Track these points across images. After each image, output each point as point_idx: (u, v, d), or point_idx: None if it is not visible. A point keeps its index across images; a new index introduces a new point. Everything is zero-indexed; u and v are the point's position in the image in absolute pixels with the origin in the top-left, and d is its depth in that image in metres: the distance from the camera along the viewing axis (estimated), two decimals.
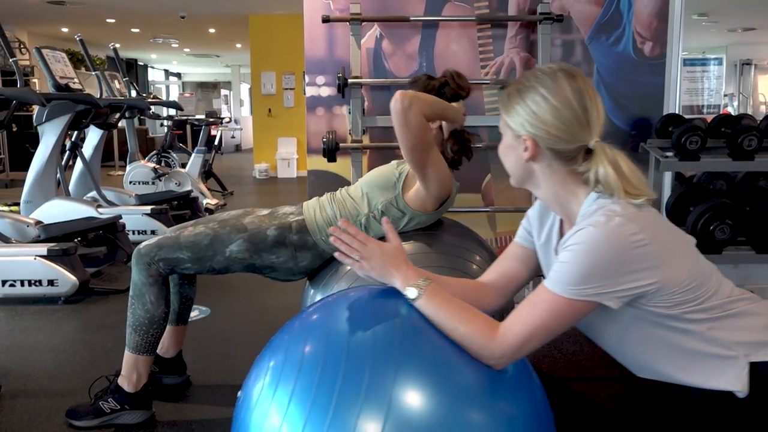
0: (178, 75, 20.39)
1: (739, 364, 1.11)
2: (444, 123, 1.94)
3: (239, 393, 1.22)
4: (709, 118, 3.74)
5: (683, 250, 1.13)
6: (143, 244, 1.96)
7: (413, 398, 1.02)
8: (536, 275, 1.36)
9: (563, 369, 1.45)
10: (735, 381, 1.11)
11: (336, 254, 1.27)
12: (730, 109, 11.08)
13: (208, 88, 19.95)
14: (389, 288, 1.23)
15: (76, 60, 9.85)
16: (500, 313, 1.28)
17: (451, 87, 1.95)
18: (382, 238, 1.88)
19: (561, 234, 1.25)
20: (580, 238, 1.06)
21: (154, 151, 7.65)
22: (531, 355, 1.14)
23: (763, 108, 12.35)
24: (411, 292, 1.16)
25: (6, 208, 4.92)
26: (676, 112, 3.22)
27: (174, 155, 7.50)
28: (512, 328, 1.10)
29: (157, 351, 2.25)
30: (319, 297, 1.86)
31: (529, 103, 1.13)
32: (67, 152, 4.83)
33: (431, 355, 1.09)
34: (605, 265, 1.05)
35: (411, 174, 1.87)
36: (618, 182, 1.10)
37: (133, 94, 6.54)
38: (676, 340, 1.13)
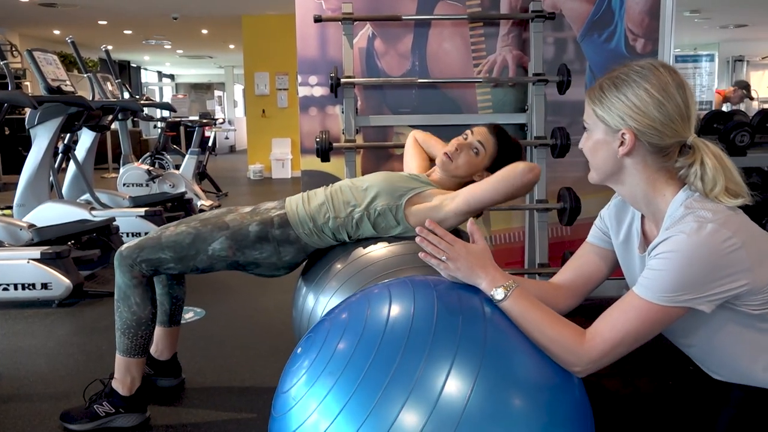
0: (172, 76, 20.34)
1: None
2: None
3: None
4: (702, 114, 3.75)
5: None
6: (125, 246, 1.95)
7: (460, 388, 1.02)
8: (613, 273, 1.35)
9: None
10: None
11: (420, 255, 1.25)
12: (724, 106, 11.10)
13: (202, 89, 19.91)
14: (424, 280, 1.22)
15: (68, 62, 9.81)
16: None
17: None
18: (367, 239, 1.88)
19: (643, 231, 1.25)
20: (672, 246, 1.05)
21: (148, 153, 7.62)
22: None
23: (755, 104, 12.39)
24: (498, 293, 1.15)
25: None
26: None
27: (168, 157, 7.47)
28: (601, 333, 1.09)
29: (152, 353, 2.24)
30: (311, 296, 1.85)
31: (631, 97, 1.12)
32: (60, 155, 4.80)
33: (484, 345, 1.08)
34: (699, 272, 1.04)
35: (427, 194, 1.88)
36: (722, 177, 1.09)
37: (126, 96, 6.53)
38: (763, 341, 1.13)
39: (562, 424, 1.06)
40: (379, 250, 1.81)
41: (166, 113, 8.16)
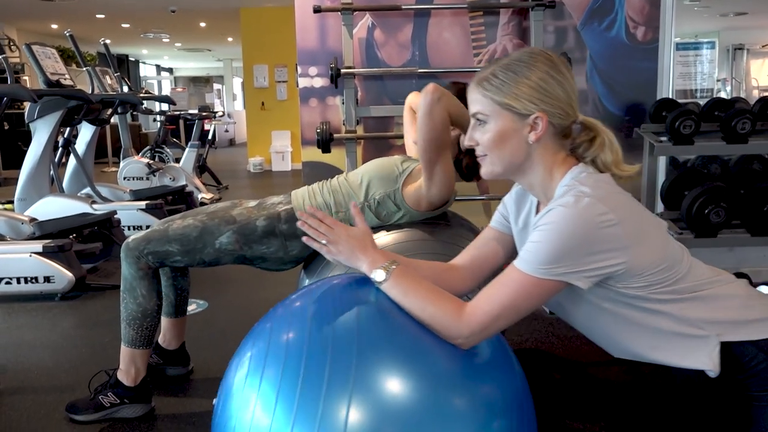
0: (170, 70, 20.29)
1: (710, 344, 1.12)
2: (462, 135, 1.90)
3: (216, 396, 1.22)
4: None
5: (653, 232, 1.13)
6: (131, 238, 1.95)
7: (396, 385, 1.03)
8: (511, 260, 1.36)
9: (576, 355, 1.46)
10: (707, 360, 1.12)
11: (304, 239, 1.28)
12: (723, 94, 11.07)
13: (201, 82, 19.88)
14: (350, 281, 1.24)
15: (67, 56, 9.79)
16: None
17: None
18: (374, 228, 1.88)
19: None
20: (549, 218, 1.07)
21: (148, 147, 7.62)
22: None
23: (755, 92, 12.36)
24: (378, 275, 1.16)
25: (0, 206, 4.90)
26: (670, 96, 3.22)
27: (167, 150, 7.48)
28: (481, 306, 1.10)
29: (160, 343, 2.27)
30: None
31: (535, 79, 1.12)
32: (60, 149, 4.80)
33: (412, 341, 1.09)
34: (574, 245, 1.05)
35: (416, 171, 1.86)
36: (619, 153, 1.13)
37: (125, 89, 6.51)
38: (648, 320, 1.13)
39: (502, 414, 1.07)
40: (381, 239, 1.82)
41: (165, 106, 8.12)
